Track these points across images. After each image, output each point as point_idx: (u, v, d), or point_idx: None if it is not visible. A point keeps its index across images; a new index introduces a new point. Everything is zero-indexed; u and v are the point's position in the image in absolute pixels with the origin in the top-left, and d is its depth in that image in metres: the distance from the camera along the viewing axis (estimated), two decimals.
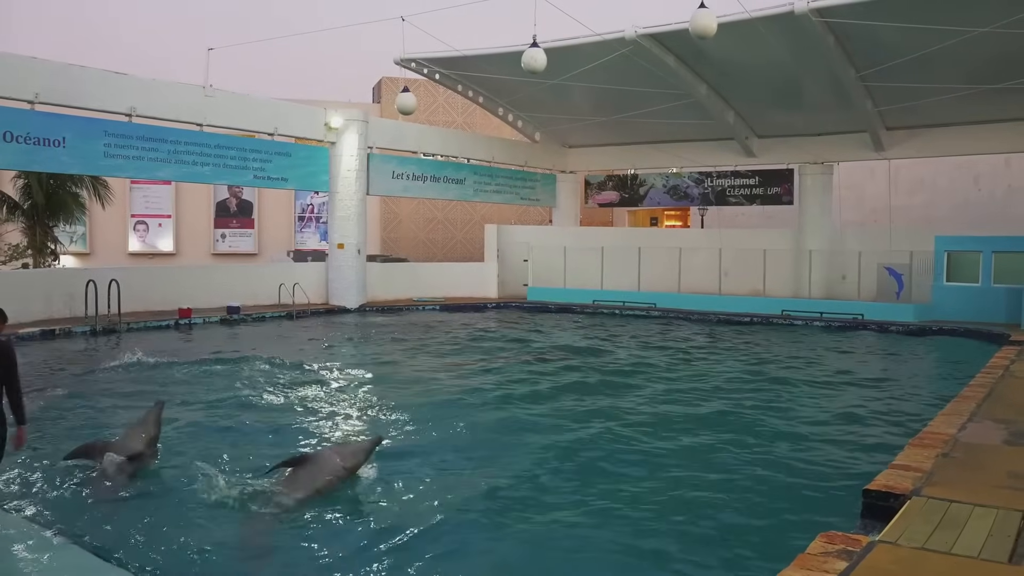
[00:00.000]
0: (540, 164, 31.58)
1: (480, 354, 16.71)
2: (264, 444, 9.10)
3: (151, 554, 6.05)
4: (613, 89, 24.67)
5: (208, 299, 22.58)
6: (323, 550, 6.20)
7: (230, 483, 7.33)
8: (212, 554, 6.10)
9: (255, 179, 23.67)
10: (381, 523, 6.69)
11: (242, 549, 6.36)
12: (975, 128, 23.99)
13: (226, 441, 9.13)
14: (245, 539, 6.52)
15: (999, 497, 5.83)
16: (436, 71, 27.08)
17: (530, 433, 9.79)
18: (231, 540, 6.46)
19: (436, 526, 6.63)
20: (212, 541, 6.30)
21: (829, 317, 22.90)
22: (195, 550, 6.13)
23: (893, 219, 26.85)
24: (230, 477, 7.52)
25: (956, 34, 18.23)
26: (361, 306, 25.01)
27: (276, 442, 9.19)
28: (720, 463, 8.56)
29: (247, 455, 8.53)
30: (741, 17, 19.58)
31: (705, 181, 30.46)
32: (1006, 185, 31.13)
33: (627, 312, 25.78)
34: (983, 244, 21.80)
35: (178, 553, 6.08)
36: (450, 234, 38.74)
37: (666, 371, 14.89)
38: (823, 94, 23.48)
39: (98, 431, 9.33)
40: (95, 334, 18.51)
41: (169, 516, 6.80)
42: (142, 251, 33.68)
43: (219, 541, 6.34)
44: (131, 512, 6.90)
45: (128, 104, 20.02)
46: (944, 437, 7.64)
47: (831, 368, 15.37)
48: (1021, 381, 11.54)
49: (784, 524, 6.84)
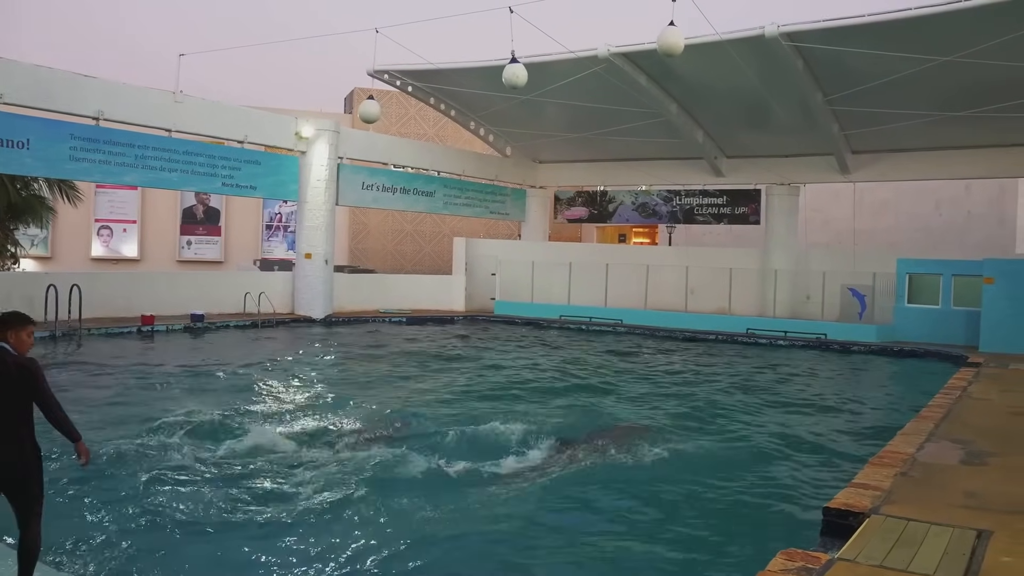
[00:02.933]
0: (510, 178, 31.67)
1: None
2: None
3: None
4: (585, 106, 24.86)
5: (172, 306, 22.32)
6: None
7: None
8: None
9: (223, 187, 23.47)
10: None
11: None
12: (937, 154, 24.49)
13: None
14: None
15: (955, 516, 5.92)
16: (409, 83, 27.10)
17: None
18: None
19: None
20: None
21: (793, 336, 23.14)
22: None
23: (857, 241, 27.25)
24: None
25: (921, 62, 18.62)
26: (327, 316, 24.85)
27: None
28: (679, 481, 8.58)
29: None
30: (712, 39, 19.82)
31: (674, 199, 30.70)
32: (966, 211, 31.75)
33: (593, 328, 25.85)
34: (943, 267, 22.19)
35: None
36: (419, 246, 38.66)
37: (626, 385, 14.95)
38: (791, 117, 23.82)
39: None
40: (54, 339, 18.21)
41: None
42: (106, 256, 33.20)
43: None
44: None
45: (96, 107, 19.81)
46: (903, 456, 7.74)
47: (793, 387, 15.53)
48: (978, 402, 11.75)
49: (744, 542, 6.90)
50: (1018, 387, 13.84)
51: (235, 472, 8.28)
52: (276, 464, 8.65)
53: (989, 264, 20.48)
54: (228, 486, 7.76)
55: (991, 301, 20.07)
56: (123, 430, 9.77)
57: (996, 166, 24.25)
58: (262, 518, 7.02)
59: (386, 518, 7.06)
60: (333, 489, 7.78)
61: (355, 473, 8.25)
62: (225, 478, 8.06)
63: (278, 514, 7.10)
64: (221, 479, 8.01)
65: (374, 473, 8.27)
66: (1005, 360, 17.63)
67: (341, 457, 8.96)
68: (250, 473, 8.27)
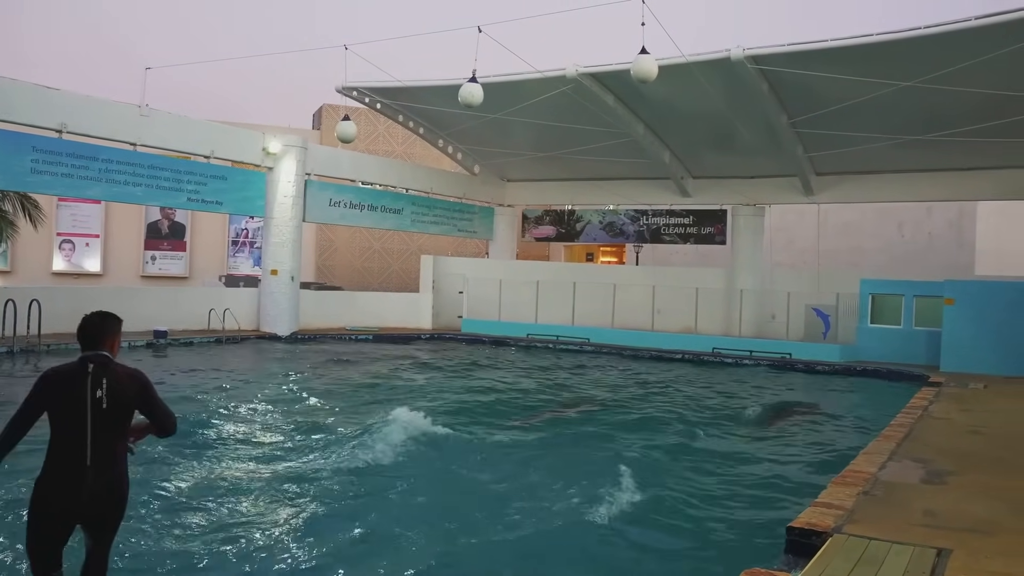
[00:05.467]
0: (478, 196, 31.72)
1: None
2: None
3: None
4: (553, 125, 24.98)
5: (135, 322, 21.94)
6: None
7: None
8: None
9: (189, 202, 23.25)
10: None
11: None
12: (900, 177, 24.90)
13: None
14: None
15: (916, 535, 5.98)
16: (378, 100, 27.09)
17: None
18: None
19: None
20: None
21: (758, 356, 23.33)
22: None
23: (821, 261, 27.59)
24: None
25: (883, 86, 18.97)
26: (293, 333, 24.64)
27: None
28: (644, 500, 8.56)
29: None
30: (678, 61, 20.02)
31: (641, 219, 30.92)
32: (927, 233, 32.31)
33: (560, 347, 25.86)
34: (905, 288, 22.54)
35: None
36: (386, 264, 38.53)
37: (594, 406, 14.97)
38: (756, 138, 24.11)
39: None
40: (12, 355, 17.89)
41: None
42: (67, 271, 32.70)
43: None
44: None
45: (59, 120, 19.54)
46: (865, 476, 7.82)
47: (758, 405, 15.62)
48: (939, 422, 11.91)
49: (707, 561, 6.91)
50: (977, 406, 14.07)
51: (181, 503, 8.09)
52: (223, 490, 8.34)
53: (950, 285, 20.84)
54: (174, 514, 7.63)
55: (951, 321, 20.42)
56: None
57: (956, 189, 24.72)
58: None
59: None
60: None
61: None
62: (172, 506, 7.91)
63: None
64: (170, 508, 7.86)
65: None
66: (965, 379, 17.92)
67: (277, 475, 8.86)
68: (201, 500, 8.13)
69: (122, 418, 4.38)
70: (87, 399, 4.25)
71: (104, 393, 4.28)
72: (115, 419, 4.34)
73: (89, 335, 4.50)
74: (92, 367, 4.34)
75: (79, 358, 4.41)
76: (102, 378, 4.31)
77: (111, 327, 4.57)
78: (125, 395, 4.36)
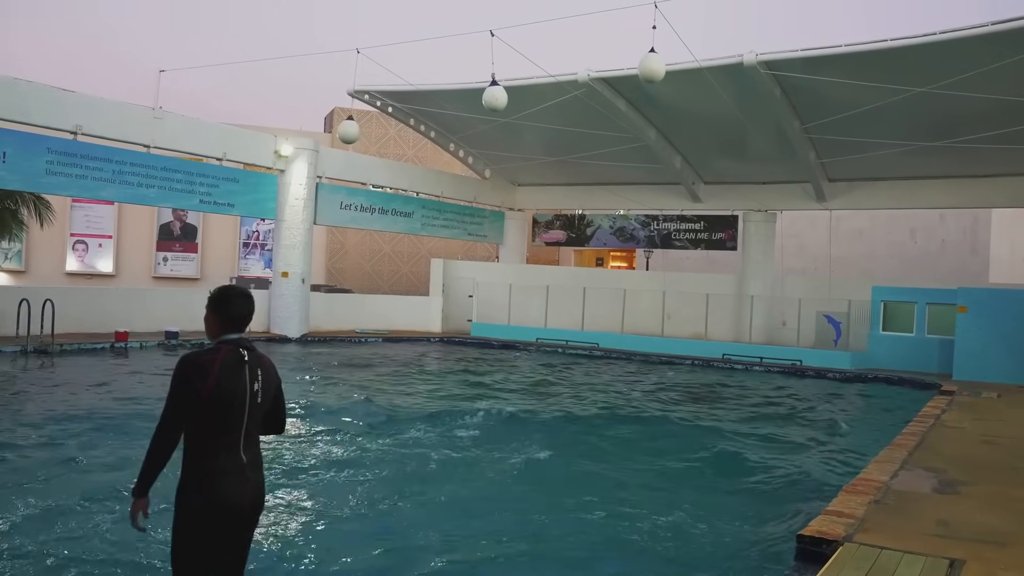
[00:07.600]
0: (489, 201, 31.73)
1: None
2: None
3: None
4: (564, 130, 24.98)
5: (146, 323, 22.12)
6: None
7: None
8: None
9: (201, 204, 23.35)
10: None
11: None
12: (912, 183, 24.80)
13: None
14: None
15: (927, 545, 5.93)
16: (389, 104, 27.13)
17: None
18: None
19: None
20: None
21: (768, 362, 23.24)
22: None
23: (833, 268, 27.49)
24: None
25: (896, 92, 18.87)
26: (303, 336, 24.69)
27: None
28: (654, 506, 8.54)
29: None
30: (691, 66, 20.00)
31: (651, 224, 30.87)
32: (940, 239, 32.17)
33: (570, 351, 25.83)
34: (918, 295, 22.41)
35: None
36: (396, 267, 38.58)
37: (594, 410, 14.94)
38: (768, 144, 24.04)
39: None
40: (25, 355, 17.97)
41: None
42: (80, 271, 32.87)
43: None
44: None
45: (74, 122, 19.68)
46: (876, 484, 7.76)
47: (769, 413, 15.55)
48: (951, 431, 11.82)
49: (717, 568, 6.86)
50: (990, 415, 13.96)
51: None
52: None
53: (963, 293, 20.71)
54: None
55: (964, 330, 20.28)
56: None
57: (970, 196, 24.61)
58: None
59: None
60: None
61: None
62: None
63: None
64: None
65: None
66: (978, 388, 17.80)
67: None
68: None
69: (266, 412, 3.92)
70: (246, 392, 3.74)
71: (260, 386, 3.80)
72: (263, 413, 3.88)
73: (240, 315, 3.85)
74: (248, 356, 3.79)
75: (227, 341, 3.81)
76: (257, 369, 3.80)
77: (250, 310, 3.90)
78: (272, 388, 3.91)
